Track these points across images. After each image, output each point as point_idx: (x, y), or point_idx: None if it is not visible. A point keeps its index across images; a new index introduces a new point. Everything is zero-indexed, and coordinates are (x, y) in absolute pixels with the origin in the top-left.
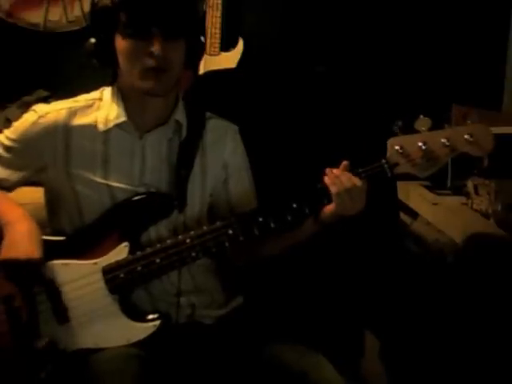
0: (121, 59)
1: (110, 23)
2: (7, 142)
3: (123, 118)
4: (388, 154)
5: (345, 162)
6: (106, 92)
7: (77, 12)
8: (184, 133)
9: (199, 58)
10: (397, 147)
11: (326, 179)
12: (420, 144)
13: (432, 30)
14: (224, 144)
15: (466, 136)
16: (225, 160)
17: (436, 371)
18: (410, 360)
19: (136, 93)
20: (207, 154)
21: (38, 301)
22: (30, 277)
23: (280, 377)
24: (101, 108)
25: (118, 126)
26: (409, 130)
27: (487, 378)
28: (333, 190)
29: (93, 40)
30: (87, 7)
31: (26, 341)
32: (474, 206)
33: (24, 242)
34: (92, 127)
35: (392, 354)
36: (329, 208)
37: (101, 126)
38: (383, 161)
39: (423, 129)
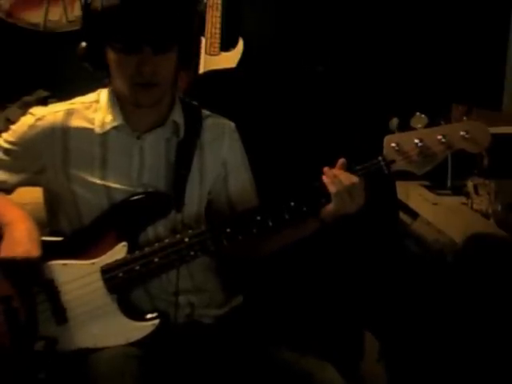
0: (111, 69)
1: (102, 31)
2: (6, 145)
3: (120, 121)
4: (384, 152)
5: (342, 160)
6: (103, 94)
7: (77, 12)
8: (182, 133)
9: (195, 60)
10: (393, 144)
11: (325, 179)
12: (416, 141)
13: (432, 30)
14: (222, 141)
15: (461, 133)
16: (223, 157)
17: (436, 371)
18: (409, 361)
19: (127, 100)
20: (205, 153)
21: (36, 301)
22: (28, 276)
23: (280, 377)
24: (98, 110)
25: (114, 128)
26: (405, 127)
27: (487, 377)
28: (332, 189)
29: (84, 44)
30: None
31: (25, 341)
32: (474, 206)
33: (22, 241)
34: (89, 129)
35: (392, 354)
36: (329, 207)
37: (98, 129)
38: (380, 158)
39: (419, 126)
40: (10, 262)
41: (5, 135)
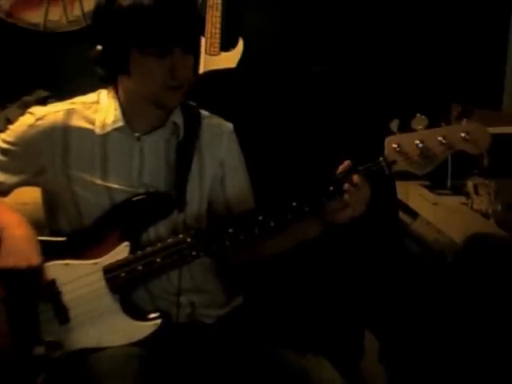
0: (136, 73)
1: (129, 38)
2: (4, 145)
3: (120, 123)
4: (386, 152)
5: (348, 162)
6: (103, 95)
7: (77, 12)
8: (181, 133)
9: (198, 60)
10: (394, 145)
11: (347, 186)
12: (417, 142)
13: (432, 30)
14: (220, 142)
15: (462, 134)
16: (221, 158)
17: (436, 371)
18: (409, 360)
19: (142, 102)
20: (204, 153)
21: (37, 302)
22: (30, 282)
23: (280, 377)
24: (98, 111)
25: (115, 129)
26: (406, 128)
27: (487, 377)
28: (351, 196)
29: (100, 47)
30: (87, 7)
31: (26, 342)
32: (474, 206)
33: (22, 248)
34: (89, 130)
35: (392, 354)
36: (342, 212)
37: (98, 130)
38: (381, 159)
39: (420, 127)
40: (11, 272)
41: (3, 135)
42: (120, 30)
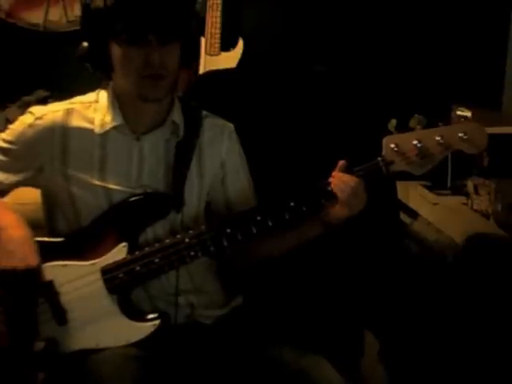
0: (116, 65)
1: (105, 29)
2: (4, 145)
3: (119, 121)
4: (383, 152)
5: (343, 162)
6: (102, 94)
7: (77, 12)
8: (181, 133)
9: (195, 58)
10: (392, 145)
11: (333, 185)
12: (415, 142)
13: (432, 30)
14: (221, 142)
15: (459, 134)
16: (222, 158)
17: (436, 371)
18: (409, 360)
19: (131, 97)
20: (204, 153)
21: (36, 302)
22: (28, 284)
23: (279, 376)
24: (97, 110)
25: (114, 128)
26: (403, 128)
27: (487, 378)
28: (341, 194)
29: (86, 44)
30: None
31: (25, 342)
32: (474, 206)
33: (20, 249)
34: (89, 130)
35: (392, 354)
36: (336, 210)
37: (97, 129)
38: (379, 159)
39: (418, 127)
40: (8, 273)
41: (3, 135)
42: (98, 23)
